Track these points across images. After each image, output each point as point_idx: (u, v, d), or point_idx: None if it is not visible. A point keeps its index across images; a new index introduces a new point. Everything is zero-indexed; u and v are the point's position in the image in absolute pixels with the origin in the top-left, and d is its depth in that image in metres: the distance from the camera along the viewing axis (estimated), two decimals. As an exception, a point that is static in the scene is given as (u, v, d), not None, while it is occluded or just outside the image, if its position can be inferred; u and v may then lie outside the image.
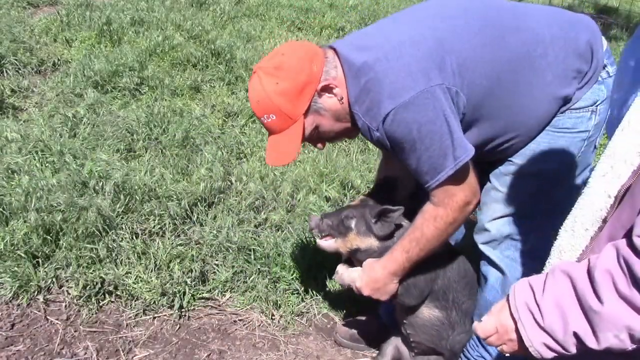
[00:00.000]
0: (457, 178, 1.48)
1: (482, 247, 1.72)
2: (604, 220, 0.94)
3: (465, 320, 1.81)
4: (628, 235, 0.86)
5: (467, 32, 1.46)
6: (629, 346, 0.86)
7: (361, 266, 1.75)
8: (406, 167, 1.54)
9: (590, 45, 1.51)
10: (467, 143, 1.45)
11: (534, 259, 1.57)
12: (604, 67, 1.53)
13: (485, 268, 1.74)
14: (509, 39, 1.47)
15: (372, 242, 1.74)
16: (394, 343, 2.03)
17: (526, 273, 1.57)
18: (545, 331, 0.93)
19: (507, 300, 1.01)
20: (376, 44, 1.48)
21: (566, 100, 1.52)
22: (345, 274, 1.79)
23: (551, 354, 0.94)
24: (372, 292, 1.72)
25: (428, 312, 1.81)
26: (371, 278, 1.70)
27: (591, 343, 0.88)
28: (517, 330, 0.97)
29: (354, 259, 1.82)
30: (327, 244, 1.79)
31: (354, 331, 2.17)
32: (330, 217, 1.78)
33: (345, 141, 3.55)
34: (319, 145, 1.65)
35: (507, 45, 1.47)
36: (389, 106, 1.42)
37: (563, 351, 0.92)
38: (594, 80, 1.52)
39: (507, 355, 1.03)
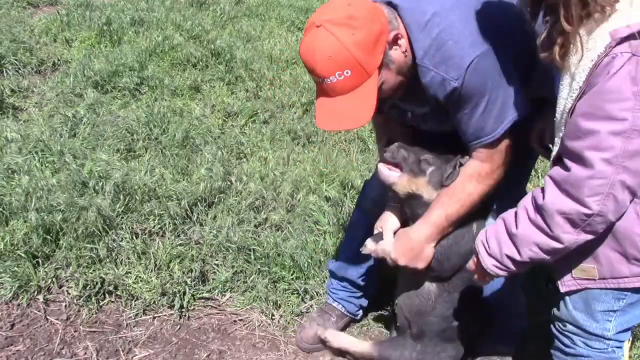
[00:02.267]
0: (508, 134, 1.49)
1: None
2: None
3: (451, 306, 1.79)
4: None
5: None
6: (544, 256, 1.26)
7: (399, 217, 1.74)
8: (460, 123, 1.51)
9: None
10: (526, 99, 1.48)
11: None
12: None
13: None
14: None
15: (434, 196, 1.66)
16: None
17: None
18: (491, 256, 1.34)
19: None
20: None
21: None
22: (378, 247, 1.76)
23: (501, 272, 1.35)
24: (409, 261, 1.66)
25: (427, 283, 1.79)
26: (407, 246, 1.66)
27: (517, 257, 1.29)
28: (478, 260, 1.38)
29: (403, 205, 1.75)
30: (390, 174, 1.68)
31: (321, 332, 2.12)
32: (409, 151, 1.68)
33: (345, 141, 3.55)
34: None
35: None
36: (473, 54, 1.39)
37: (506, 268, 1.33)
38: None
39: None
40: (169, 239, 2.44)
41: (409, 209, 1.74)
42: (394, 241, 1.72)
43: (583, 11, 1.09)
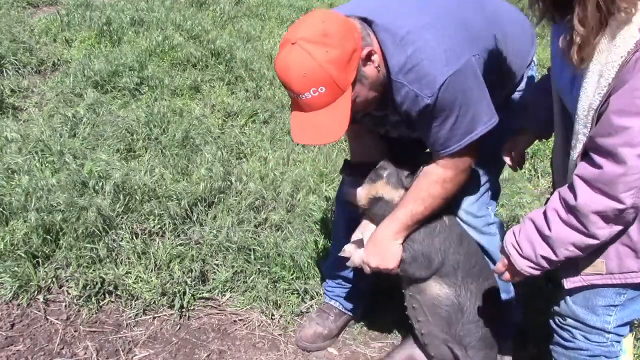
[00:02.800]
0: (477, 142, 1.55)
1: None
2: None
3: (475, 304, 1.78)
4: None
5: (467, 5, 1.60)
6: (580, 253, 1.27)
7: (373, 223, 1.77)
8: (429, 135, 1.56)
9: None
10: (493, 109, 1.55)
11: None
12: None
13: None
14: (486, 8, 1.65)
15: (395, 195, 1.74)
16: (408, 351, 1.98)
17: None
18: (525, 258, 1.33)
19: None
20: (410, 12, 1.51)
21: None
22: (355, 255, 1.79)
23: (535, 272, 1.35)
24: (379, 262, 1.70)
25: (437, 288, 1.77)
26: (375, 247, 1.70)
27: (553, 257, 1.29)
28: (510, 263, 1.37)
29: (369, 213, 1.81)
30: (352, 191, 1.79)
31: (320, 330, 2.14)
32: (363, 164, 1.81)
33: (345, 141, 3.55)
34: None
35: (486, 12, 1.63)
36: (446, 73, 1.43)
37: (540, 267, 1.33)
38: None
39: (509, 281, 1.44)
40: (169, 239, 2.44)
41: (377, 215, 1.78)
42: (366, 246, 1.75)
43: (600, 13, 1.07)
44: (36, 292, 2.19)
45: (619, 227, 1.23)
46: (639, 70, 1.07)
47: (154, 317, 2.20)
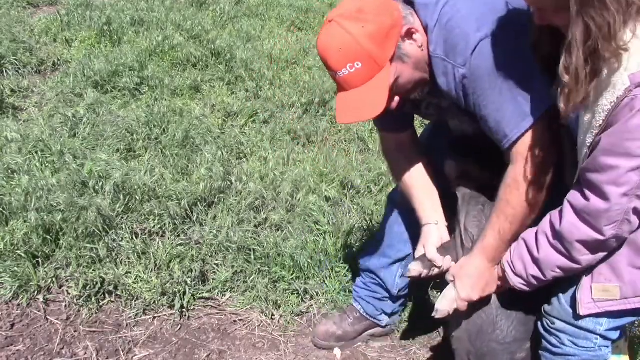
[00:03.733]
0: (543, 127, 1.37)
1: None
2: None
3: (509, 329, 1.62)
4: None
5: None
6: (566, 275, 1.35)
7: (439, 233, 1.68)
8: (482, 121, 1.45)
9: None
10: (546, 88, 1.36)
11: None
12: None
13: None
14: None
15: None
16: None
17: None
18: (518, 275, 1.43)
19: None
20: None
21: None
22: (443, 303, 1.59)
23: (527, 288, 1.43)
24: (481, 292, 1.54)
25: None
26: (472, 280, 1.53)
27: (542, 277, 1.38)
28: (504, 277, 1.47)
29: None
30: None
31: (334, 330, 2.13)
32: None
33: (345, 141, 3.55)
34: (394, 103, 1.49)
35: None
36: (477, 38, 1.37)
37: (530, 285, 1.42)
38: None
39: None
40: (169, 239, 2.44)
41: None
42: (458, 281, 1.58)
43: (586, 63, 1.09)
44: (36, 292, 2.19)
45: (602, 254, 1.29)
46: (627, 114, 1.10)
47: (154, 317, 2.20)
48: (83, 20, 4.77)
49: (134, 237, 2.39)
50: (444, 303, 1.58)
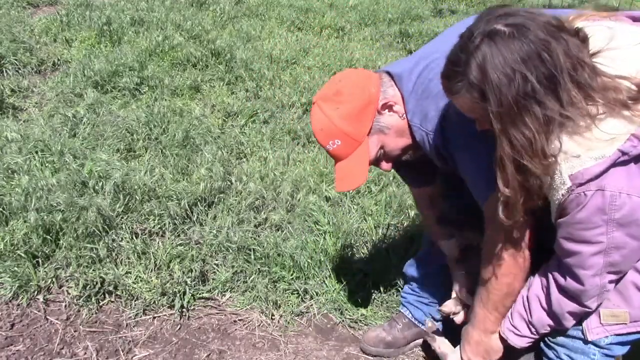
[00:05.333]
0: None
1: None
2: None
3: None
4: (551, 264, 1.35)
5: None
6: (560, 328, 1.38)
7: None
8: (466, 181, 1.49)
9: None
10: None
11: None
12: None
13: None
14: None
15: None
16: None
17: None
18: (523, 336, 1.44)
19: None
20: (423, 55, 1.52)
21: None
22: (453, 357, 1.68)
23: (531, 341, 1.45)
24: (484, 358, 1.59)
25: None
26: (472, 346, 1.60)
27: (538, 333, 1.42)
28: (509, 346, 1.49)
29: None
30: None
31: (384, 336, 2.12)
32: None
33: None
34: (386, 166, 1.63)
35: None
36: (446, 105, 1.41)
37: (534, 338, 1.44)
38: None
39: None
40: (169, 239, 2.44)
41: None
42: (462, 345, 1.63)
43: (520, 177, 1.13)
44: (36, 292, 2.19)
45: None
46: (575, 208, 1.15)
47: (154, 317, 2.20)
48: (83, 20, 4.77)
49: (134, 237, 2.39)
50: (453, 357, 1.68)
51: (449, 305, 1.78)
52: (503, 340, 1.50)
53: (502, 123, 1.09)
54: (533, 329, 1.42)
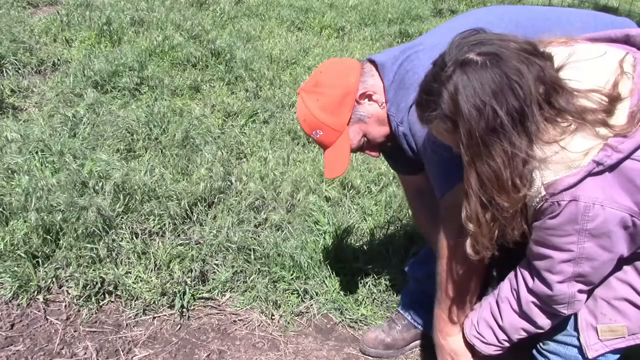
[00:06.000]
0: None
1: None
2: None
3: None
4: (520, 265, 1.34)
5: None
6: (533, 334, 1.36)
7: None
8: (429, 174, 1.51)
9: None
10: None
11: None
12: None
13: None
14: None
15: None
16: None
17: None
18: (490, 344, 1.42)
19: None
20: (409, 46, 1.53)
21: None
22: None
23: (501, 352, 1.44)
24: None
25: None
26: (437, 348, 1.61)
27: (512, 340, 1.39)
28: (476, 352, 1.47)
29: None
30: None
31: (383, 337, 2.11)
32: None
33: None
34: (373, 153, 1.68)
35: None
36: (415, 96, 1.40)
37: (504, 348, 1.42)
38: None
39: None
40: (169, 239, 2.44)
41: None
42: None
43: (486, 211, 1.15)
44: (36, 292, 2.19)
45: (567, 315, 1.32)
46: (548, 214, 1.16)
47: (154, 317, 2.20)
48: (83, 20, 4.77)
49: (134, 237, 2.39)
50: None
51: None
52: (470, 346, 1.48)
53: (470, 155, 1.10)
54: (503, 335, 1.38)
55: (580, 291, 1.24)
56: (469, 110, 1.05)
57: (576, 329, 1.34)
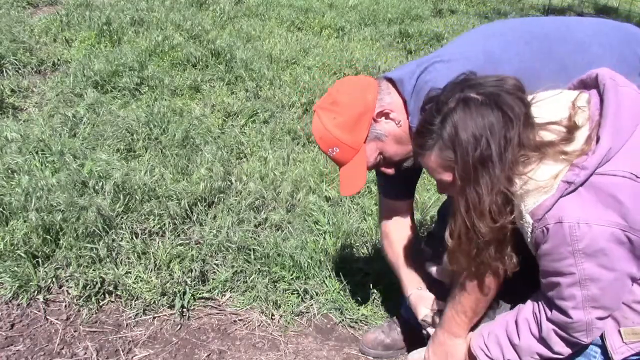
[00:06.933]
0: None
1: None
2: None
3: None
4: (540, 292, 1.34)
5: (516, 46, 1.50)
6: (552, 356, 1.34)
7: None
8: None
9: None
10: None
11: None
12: None
13: None
14: (556, 49, 1.50)
15: None
16: None
17: None
18: (490, 358, 1.42)
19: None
20: (425, 59, 1.54)
21: None
22: (415, 357, 1.74)
23: None
24: None
25: None
26: (435, 346, 1.62)
27: None
28: None
29: None
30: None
31: (382, 338, 2.12)
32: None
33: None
34: (389, 170, 1.67)
35: (554, 56, 1.49)
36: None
37: None
38: None
39: None
40: (169, 239, 2.44)
41: None
42: (428, 346, 1.67)
43: (468, 232, 1.23)
44: (36, 292, 2.19)
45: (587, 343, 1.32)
46: (541, 239, 1.22)
47: (154, 317, 2.20)
48: (83, 20, 4.77)
49: (134, 237, 2.39)
50: (416, 356, 1.75)
51: (429, 316, 1.76)
52: (472, 356, 1.48)
53: (462, 180, 1.21)
54: (511, 355, 1.38)
55: (598, 318, 1.25)
56: (467, 139, 1.17)
57: (603, 342, 1.34)
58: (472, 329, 1.57)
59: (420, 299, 1.80)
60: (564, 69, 1.47)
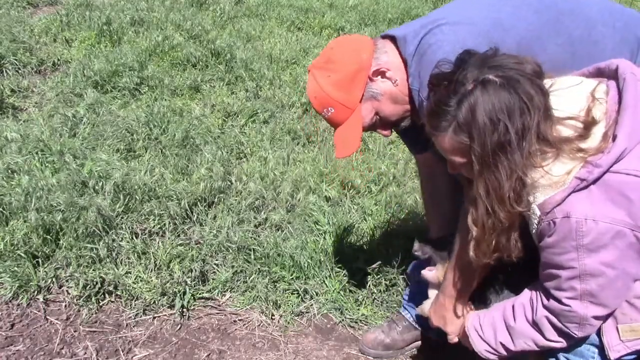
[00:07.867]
0: None
1: None
2: None
3: None
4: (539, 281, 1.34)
5: (525, 14, 1.44)
6: (536, 348, 1.36)
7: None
8: None
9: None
10: None
11: None
12: None
13: None
14: (565, 22, 1.45)
15: None
16: None
17: None
18: (484, 341, 1.43)
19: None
20: (430, 20, 1.47)
21: None
22: (425, 305, 1.71)
23: (491, 356, 1.43)
24: (439, 323, 1.62)
25: None
26: (435, 305, 1.63)
27: (511, 347, 1.39)
28: (468, 342, 1.47)
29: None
30: (430, 274, 1.71)
31: (382, 338, 2.12)
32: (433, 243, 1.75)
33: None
34: (385, 132, 1.63)
35: (562, 28, 1.44)
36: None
37: (497, 353, 1.42)
38: None
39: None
40: (169, 239, 2.44)
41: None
42: (433, 301, 1.68)
43: (490, 218, 1.21)
44: (36, 292, 2.19)
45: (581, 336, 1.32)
46: (547, 233, 1.22)
47: (154, 317, 2.20)
48: (83, 20, 4.77)
49: (134, 237, 2.39)
50: (425, 305, 1.72)
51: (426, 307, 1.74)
52: (466, 335, 1.49)
53: (480, 165, 1.18)
54: (504, 337, 1.38)
55: (595, 317, 1.25)
56: (484, 123, 1.13)
57: (598, 331, 1.34)
58: (474, 302, 1.57)
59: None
60: (571, 43, 1.44)
